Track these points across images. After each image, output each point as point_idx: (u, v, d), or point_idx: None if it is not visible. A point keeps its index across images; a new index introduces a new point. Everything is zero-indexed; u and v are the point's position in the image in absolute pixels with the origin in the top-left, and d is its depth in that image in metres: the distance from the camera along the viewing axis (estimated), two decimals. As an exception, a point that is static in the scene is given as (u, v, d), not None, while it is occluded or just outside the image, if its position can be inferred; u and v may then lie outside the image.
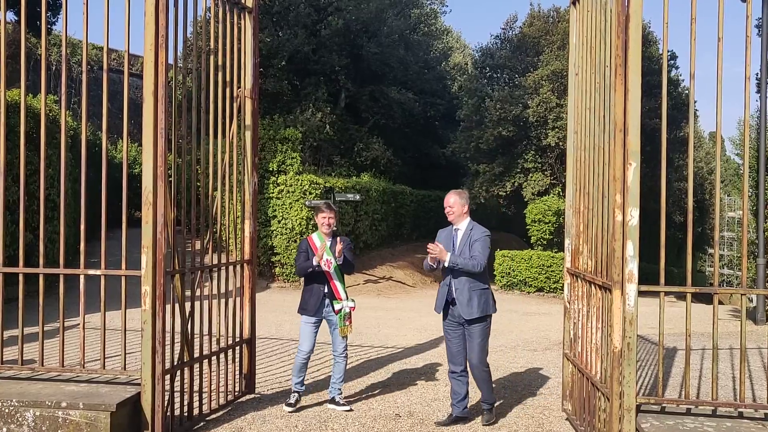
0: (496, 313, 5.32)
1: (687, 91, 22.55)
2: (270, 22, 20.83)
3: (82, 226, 4.69)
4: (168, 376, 4.72)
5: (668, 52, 16.13)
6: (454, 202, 5.02)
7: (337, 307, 5.29)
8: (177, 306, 4.79)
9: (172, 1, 4.61)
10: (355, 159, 23.02)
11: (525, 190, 20.19)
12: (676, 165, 22.95)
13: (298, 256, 5.37)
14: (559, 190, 19.90)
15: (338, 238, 5.38)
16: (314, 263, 5.20)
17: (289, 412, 5.23)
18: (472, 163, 22.20)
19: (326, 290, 5.31)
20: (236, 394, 5.57)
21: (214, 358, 5.24)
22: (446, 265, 4.84)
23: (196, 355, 5.13)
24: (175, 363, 4.74)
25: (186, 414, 4.82)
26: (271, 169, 15.75)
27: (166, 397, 4.57)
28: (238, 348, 5.74)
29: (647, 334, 9.09)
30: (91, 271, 4.81)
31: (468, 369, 5.03)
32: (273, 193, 15.78)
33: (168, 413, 4.56)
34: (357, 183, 18.83)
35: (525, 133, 20.94)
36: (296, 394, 5.34)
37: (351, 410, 5.33)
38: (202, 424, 4.92)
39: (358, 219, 18.75)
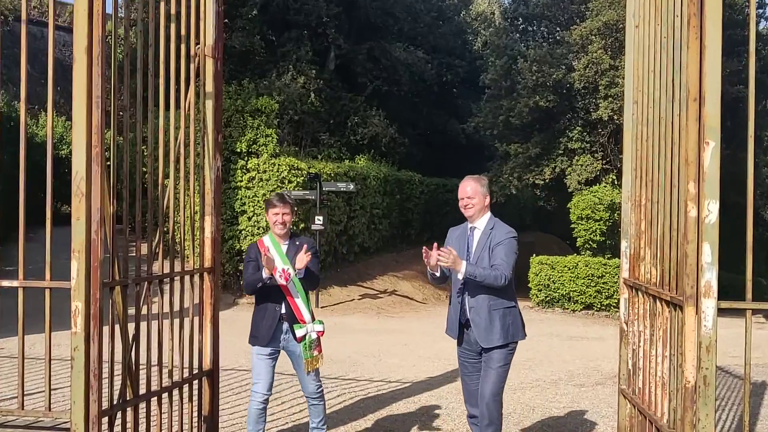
0: (528, 338, 5.28)
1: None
2: (238, -41, 20.84)
3: (-6, 224, 4.69)
4: (105, 419, 4.71)
5: (756, -3, 16.02)
6: (474, 191, 4.91)
7: (299, 333, 5.18)
8: (118, 328, 4.79)
9: (111, -70, 4.61)
10: (348, 137, 23.03)
11: (569, 177, 20.18)
12: (767, 145, 22.89)
13: (246, 267, 5.28)
14: (614, 177, 19.89)
15: (298, 241, 5.30)
16: (264, 276, 5.08)
17: None
18: (500, 142, 22.19)
19: (283, 311, 5.21)
20: (194, 441, 5.57)
21: (165, 395, 5.24)
22: (460, 277, 4.76)
23: (143, 391, 5.13)
24: (115, 402, 4.73)
25: (129, 468, 4.82)
26: (239, 150, 15.76)
27: (104, 446, 4.57)
28: (196, 382, 5.73)
29: (728, 365, 9.07)
30: (6, 282, 4.81)
31: None
32: (242, 181, 15.79)
33: (106, 467, 4.56)
34: (351, 169, 18.84)
35: (569, 103, 20.91)
36: None
37: None
38: (149, 480, 4.93)
39: (352, 215, 18.76)
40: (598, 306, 16.84)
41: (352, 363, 9.41)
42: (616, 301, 16.31)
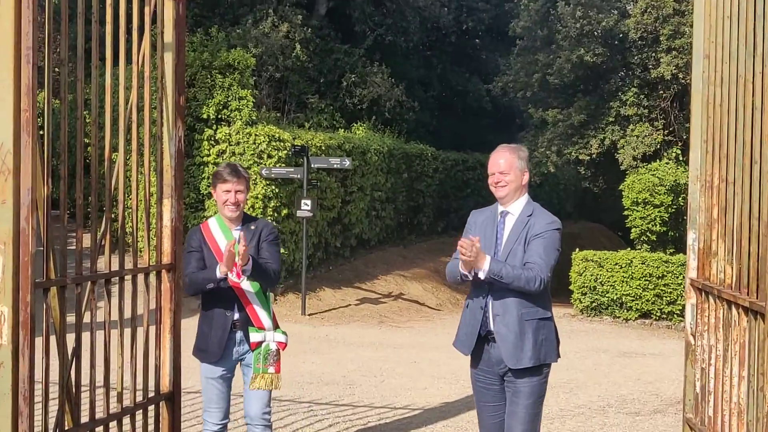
0: (570, 354, 5.29)
1: None
2: None
3: None
4: (39, 454, 4.73)
5: None
6: (509, 165, 4.83)
7: (254, 337, 5.13)
8: (54, 339, 4.80)
9: None
10: (343, 101, 23.00)
11: (622, 151, 20.15)
12: None
13: (187, 259, 5.24)
14: (678, 151, 19.85)
15: (254, 225, 5.25)
16: (218, 275, 4.99)
17: None
18: (534, 107, 22.13)
19: (236, 317, 5.15)
20: (150, 482, 5.60)
21: (114, 424, 5.26)
22: (481, 276, 4.60)
23: (85, 419, 5.15)
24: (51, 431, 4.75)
25: None
26: (205, 116, 15.76)
27: (37, 488, 4.58)
28: (152, 408, 5.75)
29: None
30: None
31: None
32: (209, 155, 15.79)
33: None
34: (346, 140, 18.83)
35: (622, 58, 20.82)
36: None
37: None
38: None
39: (348, 199, 18.77)
40: (658, 314, 16.83)
41: (347, 384, 9.43)
42: (681, 307, 16.28)
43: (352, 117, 22.76)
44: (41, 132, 5.08)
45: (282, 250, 15.64)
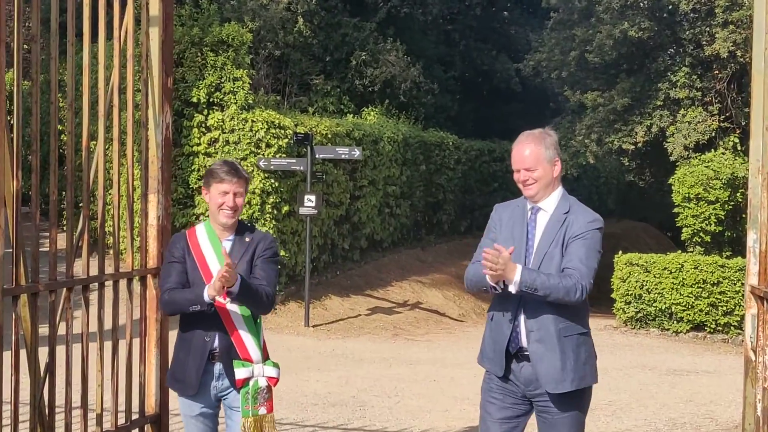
0: (612, 372, 5.27)
1: None
2: None
3: None
4: (8, 483, 4.76)
5: None
6: (536, 159, 4.61)
7: (239, 373, 4.78)
8: (25, 353, 4.82)
9: None
10: (352, 82, 23.00)
11: (672, 140, 20.08)
12: None
13: (167, 271, 4.87)
14: (736, 140, 19.76)
15: (249, 237, 4.92)
16: (205, 298, 4.65)
17: None
18: (571, 89, 22.07)
19: (216, 344, 4.80)
20: None
21: (92, 449, 5.27)
22: (512, 289, 4.43)
23: (60, 444, 5.17)
24: (22, 458, 4.77)
25: None
26: (195, 100, 15.77)
27: None
28: (136, 431, 5.77)
29: None
30: None
31: None
32: (199, 144, 15.80)
33: None
34: (356, 127, 18.82)
35: (672, 33, 20.73)
36: None
37: None
38: None
39: (358, 195, 18.77)
40: (713, 326, 16.77)
41: (358, 405, 9.43)
42: (739, 318, 16.19)
43: (362, 101, 22.74)
44: (9, 118, 5.09)
45: (282, 253, 15.65)
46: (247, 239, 4.90)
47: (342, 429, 8.37)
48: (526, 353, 4.56)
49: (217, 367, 4.81)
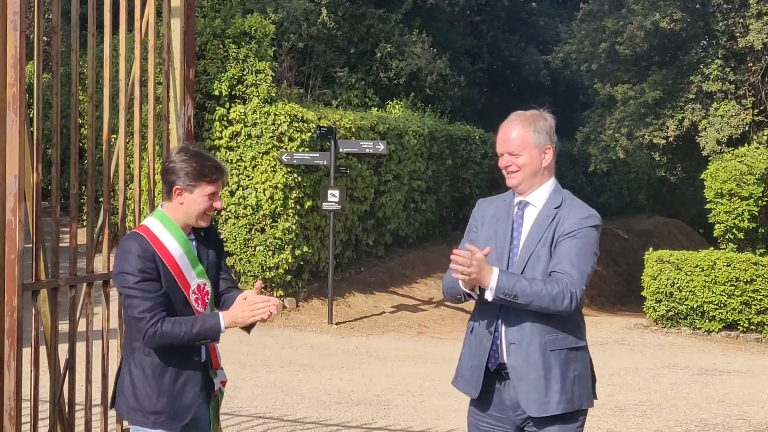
0: (643, 372, 5.21)
1: None
2: None
3: None
4: (28, 481, 4.78)
5: None
6: (521, 142, 4.14)
7: (216, 384, 4.33)
8: (44, 349, 4.83)
9: None
10: (377, 75, 22.99)
11: (704, 134, 19.97)
12: None
13: (140, 295, 4.00)
14: (771, 134, 19.62)
15: (203, 231, 4.32)
16: (223, 327, 4.05)
17: None
18: (601, 82, 22.00)
19: (204, 358, 4.26)
20: None
21: (112, 447, 5.28)
22: (489, 296, 3.98)
23: (80, 441, 5.18)
24: (41, 456, 4.79)
25: None
26: (217, 93, 15.82)
27: None
28: (157, 430, 5.77)
29: None
30: None
31: None
32: (221, 138, 15.85)
33: None
34: (380, 120, 18.82)
35: (705, 24, 20.60)
36: None
37: None
38: None
39: (383, 189, 18.76)
40: (746, 325, 16.67)
41: (382, 405, 9.43)
42: (773, 317, 16.17)
43: (387, 94, 22.73)
44: (29, 111, 5.12)
45: (305, 249, 15.70)
46: (202, 233, 4.31)
47: (366, 428, 8.37)
48: (506, 371, 4.13)
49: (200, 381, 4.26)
